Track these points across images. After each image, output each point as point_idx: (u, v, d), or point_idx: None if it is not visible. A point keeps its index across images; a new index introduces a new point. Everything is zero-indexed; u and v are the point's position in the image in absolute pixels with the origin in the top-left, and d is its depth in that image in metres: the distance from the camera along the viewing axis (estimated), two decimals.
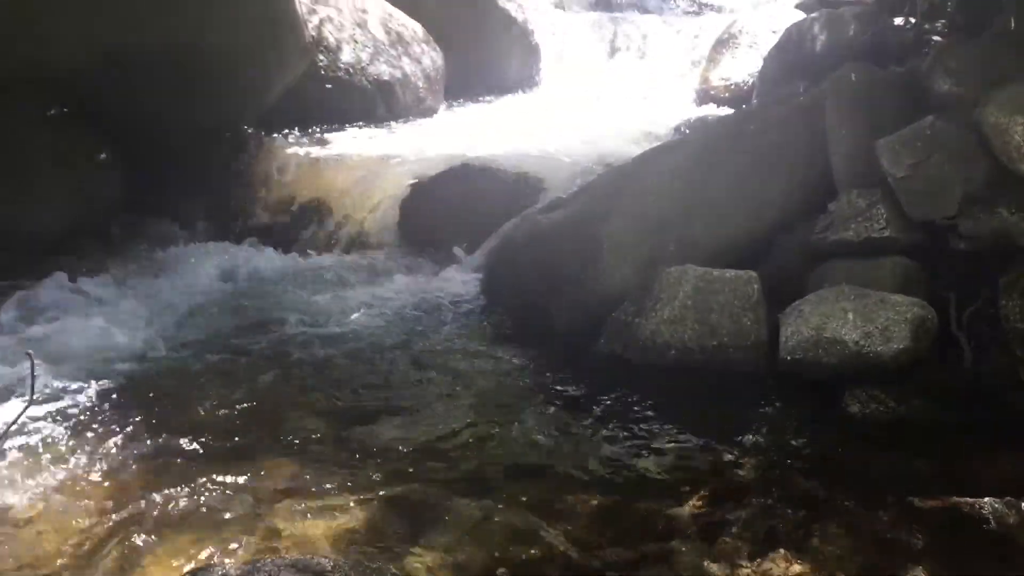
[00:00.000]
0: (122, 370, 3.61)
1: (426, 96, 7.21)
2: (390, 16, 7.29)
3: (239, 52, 5.42)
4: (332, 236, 5.30)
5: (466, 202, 5.16)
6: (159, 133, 5.42)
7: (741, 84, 7.32)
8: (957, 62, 4.08)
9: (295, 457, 2.99)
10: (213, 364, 3.71)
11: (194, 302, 4.38)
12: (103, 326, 3.96)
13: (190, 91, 5.28)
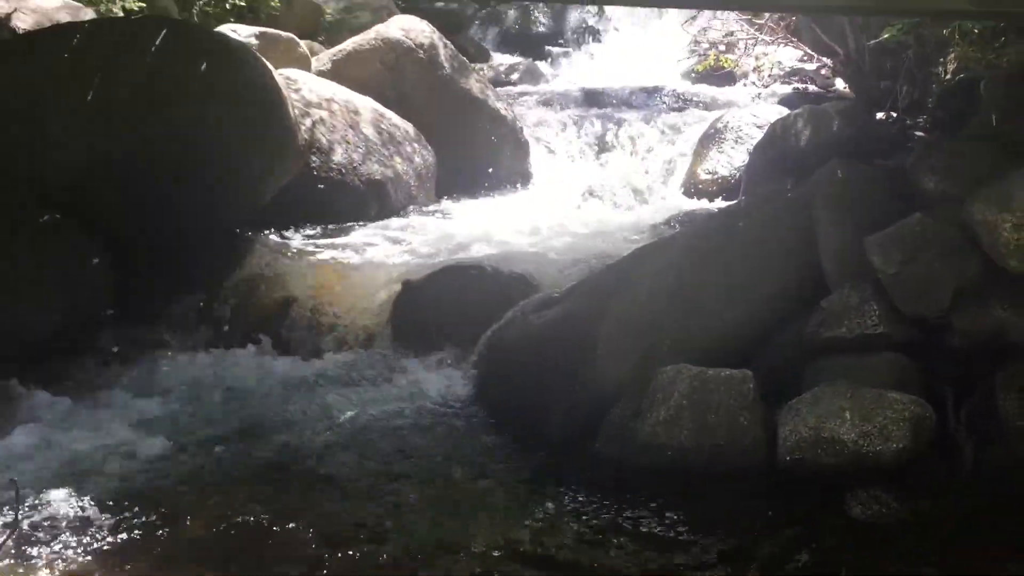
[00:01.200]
0: (107, 486, 3.53)
1: (418, 194, 7.28)
2: (382, 116, 7.41)
3: (233, 156, 5.48)
4: (324, 338, 5.26)
5: (458, 301, 5.14)
6: (151, 237, 5.43)
7: (728, 178, 7.41)
8: (941, 159, 4.15)
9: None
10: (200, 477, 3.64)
11: (182, 411, 4.32)
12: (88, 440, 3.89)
13: (183, 195, 5.31)
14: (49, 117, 5.01)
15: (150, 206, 5.30)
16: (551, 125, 8.86)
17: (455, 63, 8.16)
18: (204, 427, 4.18)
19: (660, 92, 9.59)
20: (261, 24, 8.39)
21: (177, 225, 5.48)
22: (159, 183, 5.26)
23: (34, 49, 5.31)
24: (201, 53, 5.45)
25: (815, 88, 8.65)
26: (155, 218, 5.38)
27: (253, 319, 5.42)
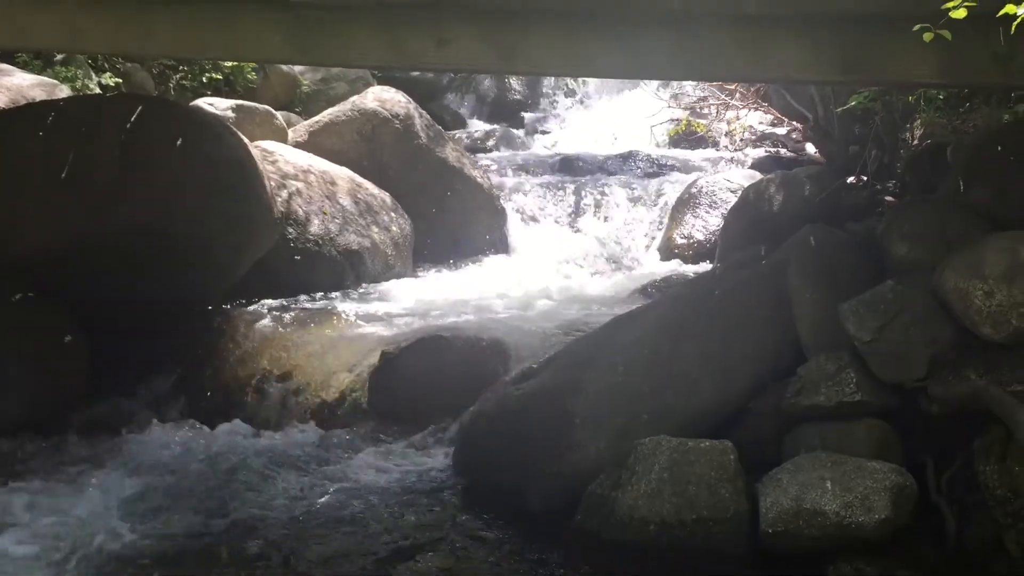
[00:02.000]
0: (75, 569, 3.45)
1: (395, 263, 7.28)
2: (359, 186, 7.44)
3: (207, 231, 5.47)
4: (301, 411, 5.21)
5: (437, 373, 5.11)
6: (125, 313, 5.39)
7: (704, 242, 7.47)
8: (911, 226, 4.20)
9: None
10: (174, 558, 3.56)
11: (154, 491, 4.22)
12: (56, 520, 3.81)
13: (158, 271, 5.29)
14: (22, 196, 4.99)
15: (124, 282, 5.28)
16: (528, 191, 8.91)
17: (431, 132, 8.23)
18: (176, 507, 4.09)
19: (635, 157, 9.69)
20: (238, 96, 8.46)
21: (151, 300, 5.45)
22: (133, 260, 5.24)
23: (7, 128, 5.31)
24: (176, 129, 5.47)
25: (786, 152, 8.77)
26: (129, 294, 5.35)
27: (228, 394, 5.36)
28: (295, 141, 7.91)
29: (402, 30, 3.80)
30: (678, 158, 9.72)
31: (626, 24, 3.71)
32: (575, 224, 8.36)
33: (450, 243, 7.92)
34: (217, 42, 4.05)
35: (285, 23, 3.85)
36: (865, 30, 3.41)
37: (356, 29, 3.83)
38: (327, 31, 3.86)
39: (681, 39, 3.71)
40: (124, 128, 5.28)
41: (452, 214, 8.04)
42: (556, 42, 3.79)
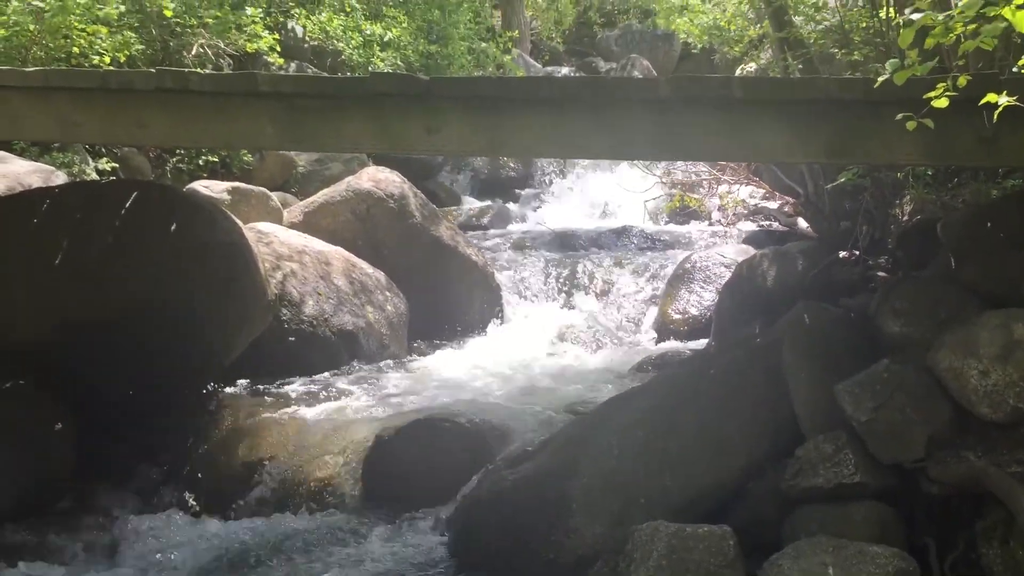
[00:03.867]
0: None
1: (390, 343, 7.25)
2: (353, 266, 7.46)
3: (201, 315, 5.47)
4: (294, 496, 5.12)
5: (431, 456, 5.05)
6: (117, 398, 5.35)
7: (699, 317, 7.47)
8: (904, 303, 4.19)
9: None
10: None
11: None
12: None
13: (150, 356, 5.26)
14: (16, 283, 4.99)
15: (116, 367, 5.24)
16: (522, 268, 8.96)
17: (425, 211, 8.29)
18: None
19: (629, 232, 9.79)
20: (234, 178, 8.54)
21: (143, 385, 5.41)
22: (126, 344, 5.21)
23: (3, 216, 5.33)
24: (171, 214, 5.50)
25: (779, 226, 8.82)
26: (121, 379, 5.32)
27: (220, 481, 5.28)
28: (290, 222, 7.96)
29: (393, 118, 3.85)
30: (672, 233, 9.81)
31: (613, 109, 3.75)
32: (570, 300, 8.37)
33: (445, 321, 7.91)
34: (210, 133, 4.09)
35: (277, 113, 3.89)
36: (849, 114, 3.45)
37: (348, 118, 3.88)
38: (319, 120, 3.90)
39: (667, 122, 3.74)
40: (119, 214, 5.31)
41: (447, 292, 8.05)
42: (545, 127, 3.83)
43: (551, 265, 8.86)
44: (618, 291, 8.30)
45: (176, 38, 8.84)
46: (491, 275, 8.38)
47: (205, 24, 8.94)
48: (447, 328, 7.86)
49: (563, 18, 18.97)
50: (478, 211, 11.29)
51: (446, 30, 13.11)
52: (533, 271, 8.83)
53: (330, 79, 4.10)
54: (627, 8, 19.71)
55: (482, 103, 3.80)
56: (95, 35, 7.32)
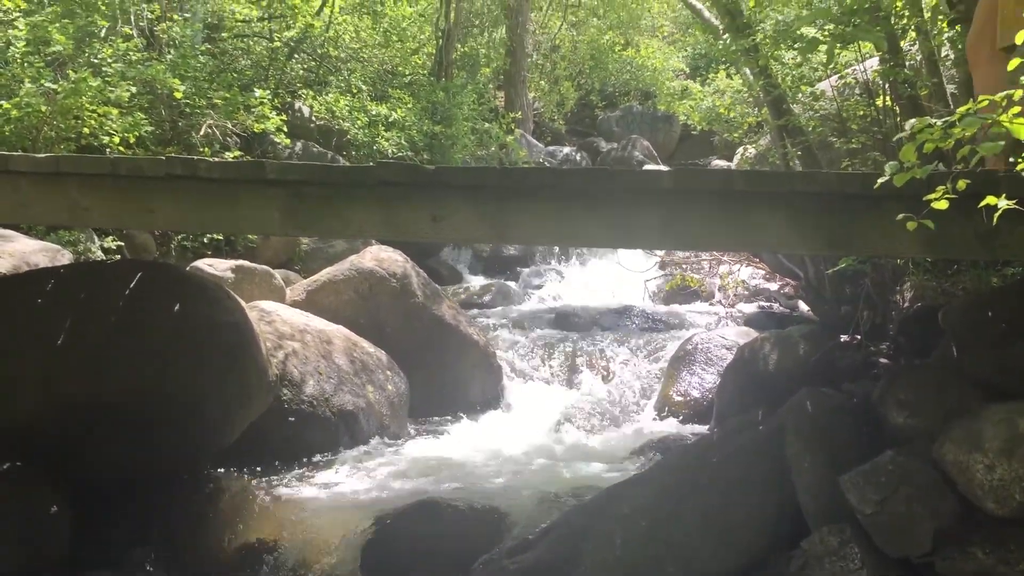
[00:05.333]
0: None
1: (390, 423, 7.21)
2: (355, 345, 7.45)
3: (201, 397, 5.44)
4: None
5: (431, 541, 4.99)
6: (113, 479, 5.29)
7: (701, 400, 7.44)
8: (908, 393, 4.19)
9: None
10: None
11: None
12: None
13: (149, 437, 5.23)
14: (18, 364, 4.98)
15: (113, 448, 5.20)
16: (523, 347, 8.96)
17: (427, 290, 8.32)
18: None
19: (630, 312, 9.81)
20: (238, 256, 8.60)
21: (141, 466, 5.36)
22: (125, 425, 5.18)
23: (7, 295, 5.36)
24: (174, 294, 5.52)
25: (779, 308, 8.86)
26: (118, 460, 5.27)
27: (217, 565, 5.20)
28: (293, 300, 7.98)
29: (398, 206, 3.89)
30: (672, 312, 9.83)
31: (616, 199, 3.80)
32: (571, 380, 8.35)
33: (445, 400, 7.88)
34: (217, 218, 4.14)
35: (284, 200, 3.94)
36: (849, 207, 3.50)
37: (353, 205, 3.92)
38: (325, 207, 3.95)
39: (670, 213, 3.79)
40: (122, 294, 5.33)
41: (448, 371, 8.03)
42: (549, 217, 3.88)
43: (552, 345, 8.86)
44: (619, 372, 8.29)
45: (185, 118, 9.00)
46: (492, 355, 8.37)
47: (214, 105, 9.10)
48: (448, 408, 7.82)
49: (565, 100, 19.32)
50: (480, 289, 11.33)
51: (450, 111, 13.34)
52: (534, 351, 8.83)
53: (337, 168, 4.16)
54: (628, 91, 20.10)
55: (487, 192, 3.85)
56: (105, 116, 7.44)
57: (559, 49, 20.06)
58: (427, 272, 8.77)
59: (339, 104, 12.03)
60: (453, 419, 7.71)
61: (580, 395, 8.05)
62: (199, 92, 8.98)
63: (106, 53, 8.09)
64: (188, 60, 9.16)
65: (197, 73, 9.27)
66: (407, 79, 14.34)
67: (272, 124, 9.39)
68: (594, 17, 20.07)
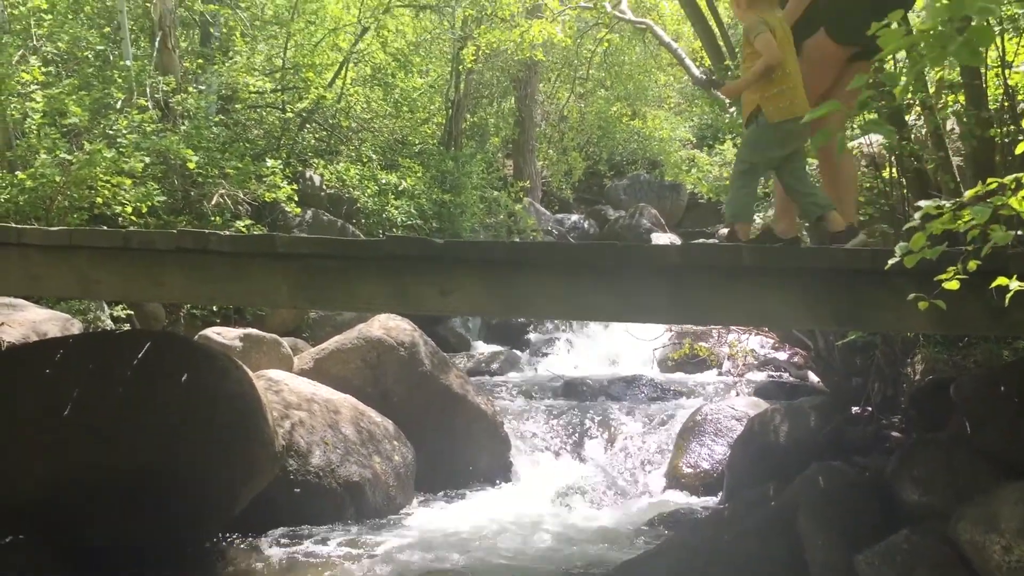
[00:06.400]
0: None
1: (396, 494, 7.13)
2: (362, 415, 7.41)
3: (207, 467, 5.40)
4: None
5: None
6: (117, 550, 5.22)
7: (711, 471, 7.34)
8: (921, 471, 4.13)
9: None
10: None
11: None
12: None
13: (154, 507, 5.17)
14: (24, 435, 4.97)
15: (119, 518, 5.15)
16: (531, 416, 8.89)
17: (435, 359, 8.30)
18: None
19: (638, 381, 9.76)
20: (247, 324, 8.61)
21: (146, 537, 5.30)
22: (130, 496, 5.14)
23: (16, 365, 5.36)
24: (182, 365, 5.52)
25: (789, 377, 8.80)
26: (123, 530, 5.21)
27: None
28: (301, 368, 7.97)
29: (407, 280, 3.90)
30: (681, 382, 9.77)
31: (625, 274, 3.80)
32: (578, 451, 8.26)
33: (452, 471, 7.80)
34: (227, 291, 4.16)
35: (293, 273, 3.96)
36: (858, 283, 3.49)
37: (362, 279, 3.93)
38: (335, 281, 3.96)
39: (678, 288, 3.79)
40: (131, 365, 5.33)
41: (455, 442, 7.96)
42: (557, 291, 3.88)
43: (560, 414, 8.80)
44: (627, 443, 8.20)
45: (197, 188, 9.10)
46: (499, 424, 8.30)
47: (226, 174, 9.21)
48: (455, 479, 7.74)
49: (573, 169, 19.53)
50: (488, 357, 11.31)
51: (459, 180, 13.48)
52: (542, 420, 8.76)
53: (346, 241, 4.18)
54: (635, 160, 20.31)
55: (496, 267, 3.87)
56: (119, 186, 7.53)
57: (567, 119, 20.33)
58: (435, 339, 8.75)
59: (350, 173, 12.17)
60: (460, 490, 7.62)
61: (588, 466, 7.96)
62: (212, 162, 9.10)
63: (121, 124, 8.21)
64: (202, 131, 9.30)
65: (210, 143, 9.40)
66: (417, 148, 14.52)
67: (283, 193, 9.49)
68: (602, 88, 20.37)
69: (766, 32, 3.99)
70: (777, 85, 4.03)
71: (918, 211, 2.64)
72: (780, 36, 4.05)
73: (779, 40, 4.03)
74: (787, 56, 4.04)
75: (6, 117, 7.98)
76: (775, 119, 4.05)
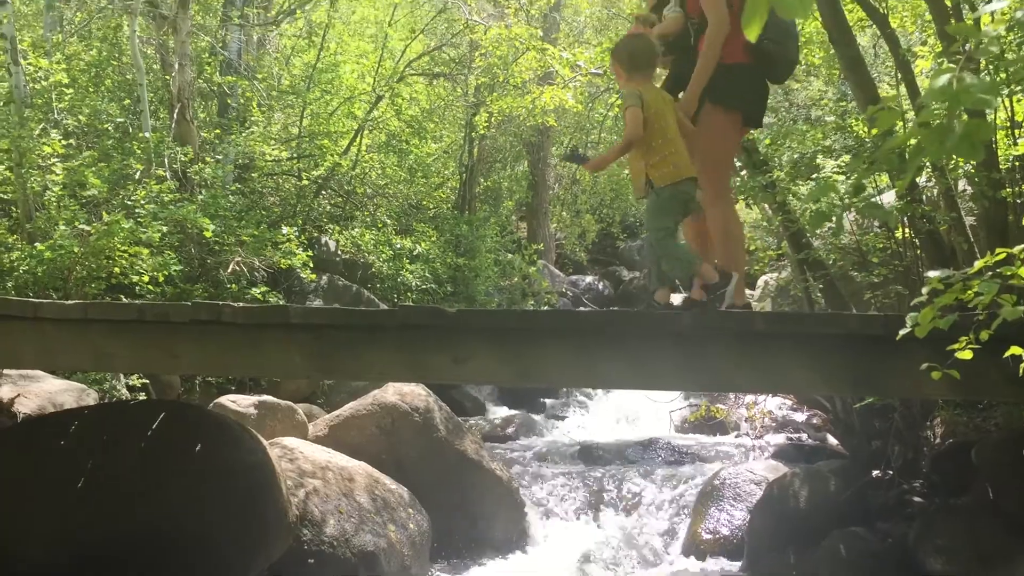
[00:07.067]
0: None
1: (411, 564, 7.03)
2: (376, 482, 7.35)
3: (220, 537, 5.36)
4: None
5: None
6: None
7: (731, 537, 7.22)
8: (944, 539, 4.07)
9: None
10: None
11: None
12: None
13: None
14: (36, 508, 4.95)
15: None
16: (547, 482, 8.79)
17: (450, 425, 8.25)
18: None
19: (655, 445, 9.66)
20: (262, 390, 8.61)
21: None
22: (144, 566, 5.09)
23: (31, 436, 5.38)
24: (196, 435, 5.52)
25: (807, 439, 8.70)
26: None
27: None
28: (315, 435, 7.93)
29: (420, 349, 3.91)
30: (699, 444, 9.67)
31: (637, 340, 3.80)
32: (597, 517, 8.15)
33: (468, 539, 7.70)
34: (241, 362, 4.17)
35: (307, 344, 3.97)
36: (871, 349, 3.47)
37: (375, 349, 3.94)
38: (348, 350, 3.98)
39: (690, 354, 3.78)
40: (145, 436, 5.33)
41: (470, 508, 7.88)
42: (569, 358, 3.88)
43: (576, 480, 8.70)
44: (645, 508, 8.09)
45: (214, 256, 9.18)
46: (515, 491, 8.21)
47: (242, 242, 9.30)
48: (470, 546, 7.63)
49: (587, 231, 19.62)
50: (503, 421, 11.23)
51: (474, 243, 13.56)
52: (558, 486, 8.66)
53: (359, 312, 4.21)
54: None
55: (508, 335, 3.87)
56: (136, 256, 7.61)
57: (580, 182, 20.51)
58: (449, 403, 8.71)
59: (364, 238, 12.27)
60: (475, 559, 7.51)
61: (607, 533, 7.84)
62: (228, 230, 9.20)
63: (140, 195, 8.33)
64: (219, 199, 9.42)
65: (227, 212, 9.52)
66: (431, 213, 14.65)
67: (299, 260, 9.56)
68: None
69: (635, 107, 4.15)
70: (659, 152, 4.20)
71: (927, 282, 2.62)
72: (657, 107, 4.21)
73: (656, 110, 4.19)
74: (667, 123, 4.19)
75: (27, 190, 8.11)
76: (664, 183, 4.21)
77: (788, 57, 4.19)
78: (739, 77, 4.08)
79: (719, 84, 4.08)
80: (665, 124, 4.19)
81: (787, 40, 4.09)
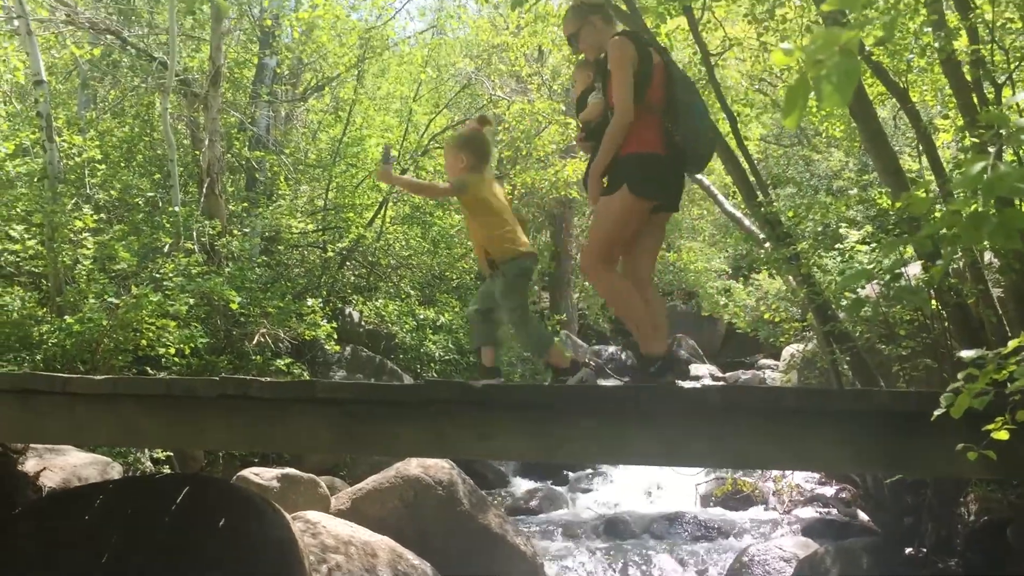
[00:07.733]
0: None
1: None
2: (399, 557, 7.26)
3: None
4: None
5: None
6: None
7: None
8: None
9: None
10: None
11: None
12: None
13: None
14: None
15: None
16: (572, 557, 8.65)
17: (474, 498, 8.18)
18: None
19: (681, 519, 9.50)
20: (284, 463, 8.58)
21: None
22: None
23: (55, 512, 5.37)
24: (220, 509, 5.50)
25: (837, 514, 8.53)
26: None
27: None
28: (338, 509, 7.88)
29: (446, 425, 3.90)
30: (726, 519, 9.50)
31: (664, 417, 3.77)
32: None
33: None
34: (267, 437, 4.17)
35: (334, 418, 3.97)
36: (904, 427, 3.43)
37: (402, 424, 3.94)
38: (375, 426, 3.97)
39: (719, 430, 3.74)
40: (168, 510, 5.31)
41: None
42: (595, 434, 3.84)
43: (601, 555, 8.56)
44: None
45: (240, 327, 9.25)
46: (540, 566, 8.09)
47: (268, 314, 9.37)
48: None
49: None
50: (526, 494, 11.11)
51: None
52: (583, 562, 8.52)
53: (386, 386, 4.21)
54: (671, 291, 20.40)
55: (534, 410, 3.85)
56: (164, 328, 7.68)
57: None
58: (472, 476, 8.65)
59: (388, 309, 12.33)
60: None
61: None
62: (254, 302, 9.28)
63: (168, 268, 8.44)
64: (245, 272, 9.53)
65: (253, 284, 9.61)
66: (454, 283, 14.72)
67: (323, 331, 9.61)
68: None
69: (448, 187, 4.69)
70: (497, 229, 4.54)
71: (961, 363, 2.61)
72: (485, 189, 4.58)
73: (485, 196, 4.56)
74: (498, 202, 4.61)
75: (58, 264, 8.24)
76: (505, 258, 4.50)
77: (699, 153, 4.32)
78: (653, 165, 4.22)
79: (633, 171, 4.19)
80: (500, 205, 4.58)
81: (697, 140, 4.25)
